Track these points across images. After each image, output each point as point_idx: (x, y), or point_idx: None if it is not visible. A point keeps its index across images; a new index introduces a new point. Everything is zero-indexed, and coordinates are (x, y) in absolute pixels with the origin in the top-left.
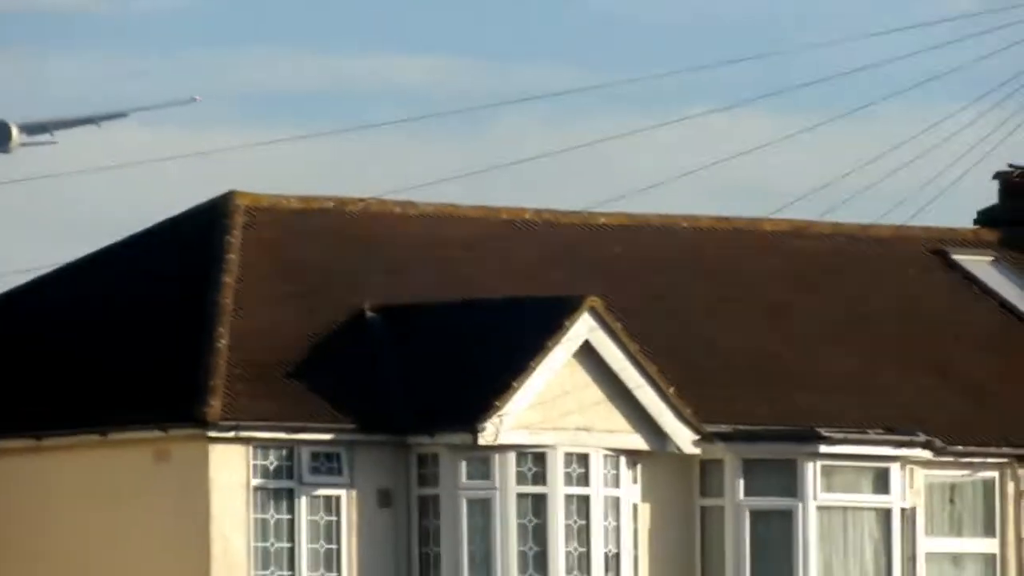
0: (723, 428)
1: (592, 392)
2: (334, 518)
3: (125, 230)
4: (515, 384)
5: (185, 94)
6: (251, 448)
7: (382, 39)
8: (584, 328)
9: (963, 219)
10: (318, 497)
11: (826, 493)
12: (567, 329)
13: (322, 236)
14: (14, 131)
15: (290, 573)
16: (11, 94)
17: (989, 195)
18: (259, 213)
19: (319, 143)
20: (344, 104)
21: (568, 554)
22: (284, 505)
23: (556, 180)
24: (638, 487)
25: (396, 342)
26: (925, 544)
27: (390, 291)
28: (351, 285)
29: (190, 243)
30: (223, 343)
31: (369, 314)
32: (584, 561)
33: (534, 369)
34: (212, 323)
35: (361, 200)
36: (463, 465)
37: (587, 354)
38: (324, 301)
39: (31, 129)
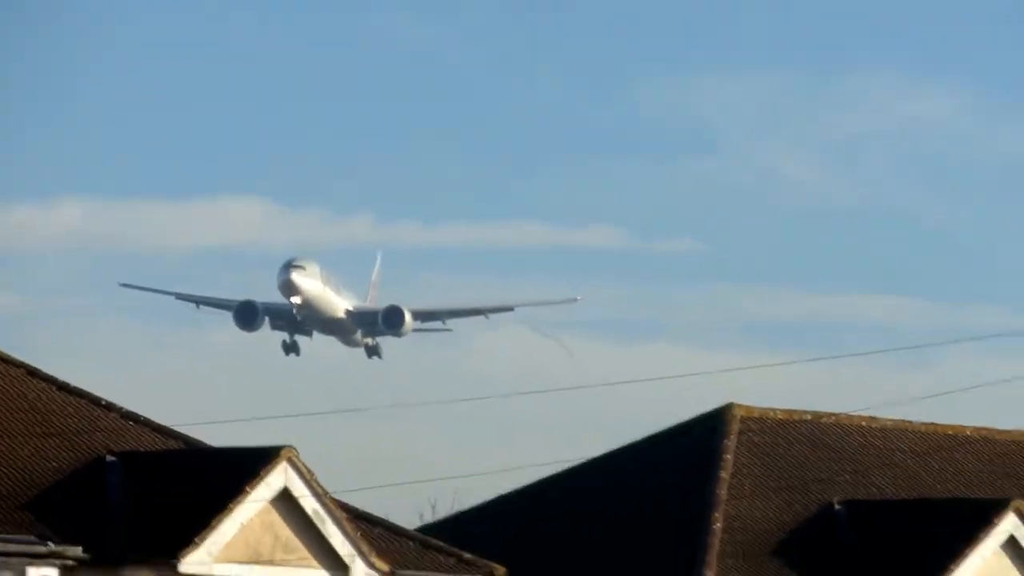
0: None
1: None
2: None
3: (632, 430)
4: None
5: (570, 295)
6: None
7: (850, 279)
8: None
9: None
10: None
11: None
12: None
13: (801, 442)
14: (407, 316)
15: None
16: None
17: None
18: (751, 422)
19: (800, 366)
20: (818, 333)
21: None
22: None
23: (992, 404)
24: None
25: (856, 534)
26: None
27: (855, 490)
28: (823, 483)
29: (695, 444)
30: (718, 526)
31: (836, 507)
32: None
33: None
34: (709, 510)
35: (833, 414)
36: None
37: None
38: (800, 496)
39: (423, 316)
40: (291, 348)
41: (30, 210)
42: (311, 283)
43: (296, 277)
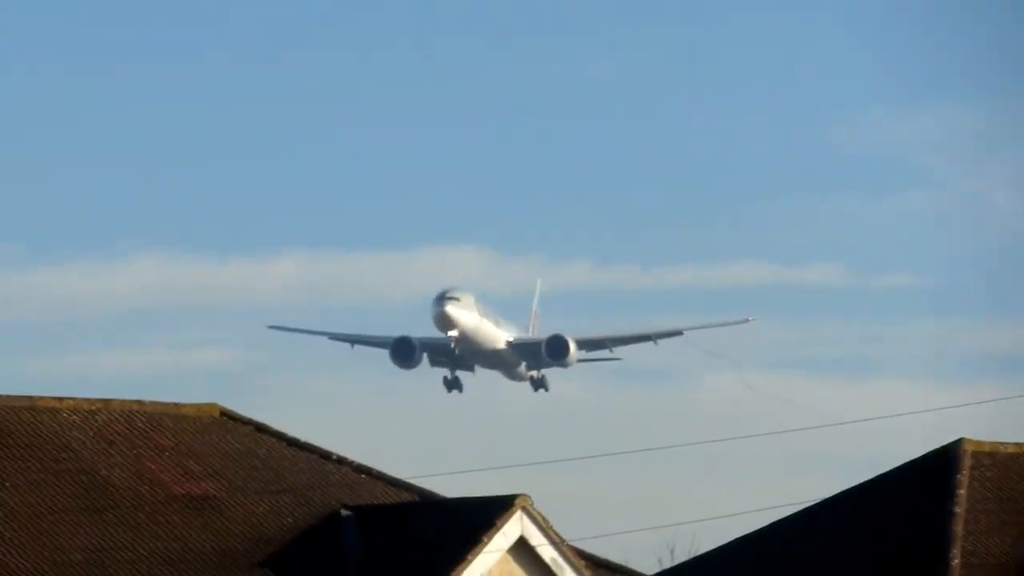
0: None
1: None
2: None
3: (862, 467)
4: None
5: (740, 316)
6: None
7: None
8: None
9: None
10: None
11: None
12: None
13: None
14: (571, 346)
15: None
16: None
17: None
18: (983, 456)
19: None
20: None
21: None
22: None
23: None
24: None
25: None
26: None
27: None
28: None
29: (927, 480)
30: (956, 562)
31: None
32: None
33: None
34: (947, 547)
35: None
36: None
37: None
38: None
39: (588, 345)
40: (453, 384)
41: (250, 264)
42: (467, 315)
43: (451, 309)
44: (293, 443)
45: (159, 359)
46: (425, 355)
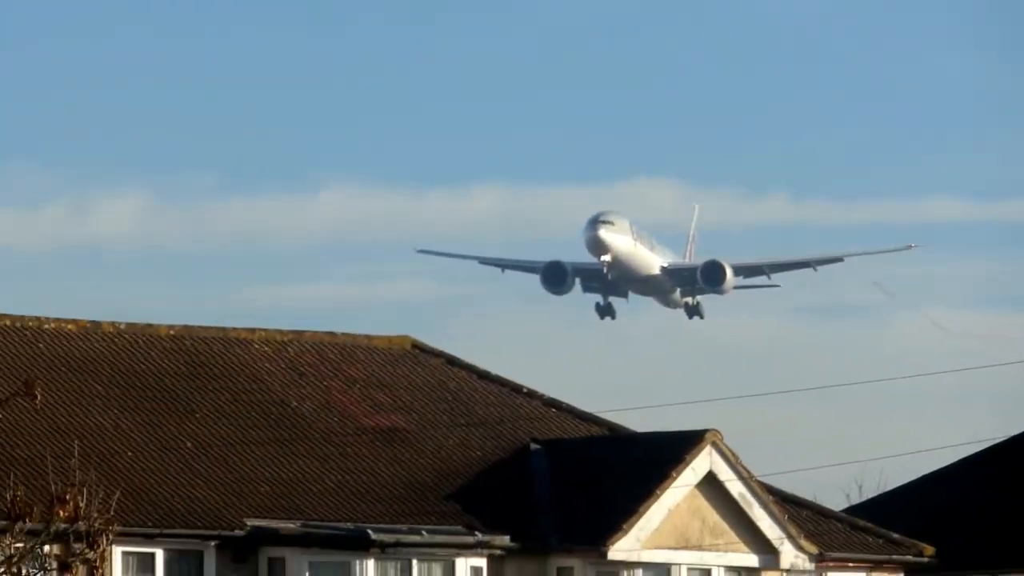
0: None
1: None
2: None
3: None
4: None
5: (902, 242)
6: None
7: None
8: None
9: None
10: None
11: None
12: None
13: None
14: (728, 271)
15: None
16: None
17: None
18: None
19: None
20: None
21: None
22: None
23: None
24: None
25: None
26: None
27: None
28: None
29: None
30: None
31: None
32: None
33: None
34: None
35: None
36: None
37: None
38: None
39: (746, 271)
40: (606, 311)
41: (445, 196)
42: (621, 239)
43: (604, 233)
44: (484, 376)
45: (352, 291)
46: (578, 280)
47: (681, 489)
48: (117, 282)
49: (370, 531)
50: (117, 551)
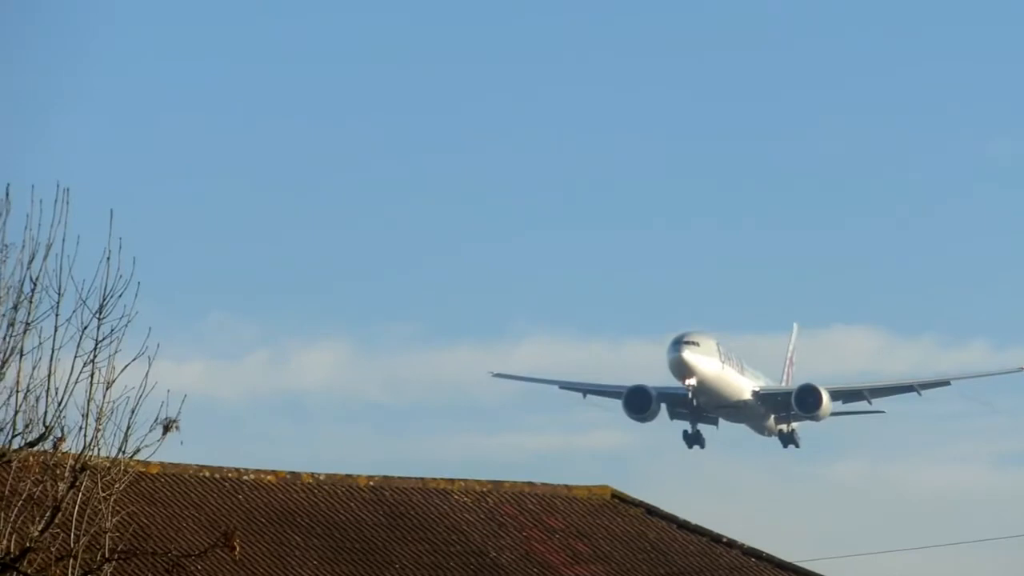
0: None
1: None
2: None
3: None
4: None
5: (1012, 365)
6: None
7: None
8: None
9: None
10: None
11: None
12: None
13: None
14: (824, 397)
15: None
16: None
17: None
18: None
19: None
20: None
21: None
22: None
23: None
24: None
25: None
26: None
27: None
28: None
29: None
30: None
31: None
32: None
33: None
34: None
35: None
36: None
37: None
38: None
39: (845, 396)
40: (694, 439)
41: (644, 345)
42: (707, 361)
43: (688, 355)
44: (683, 525)
45: (551, 441)
46: (664, 406)
47: None
48: (316, 432)
49: None
50: None
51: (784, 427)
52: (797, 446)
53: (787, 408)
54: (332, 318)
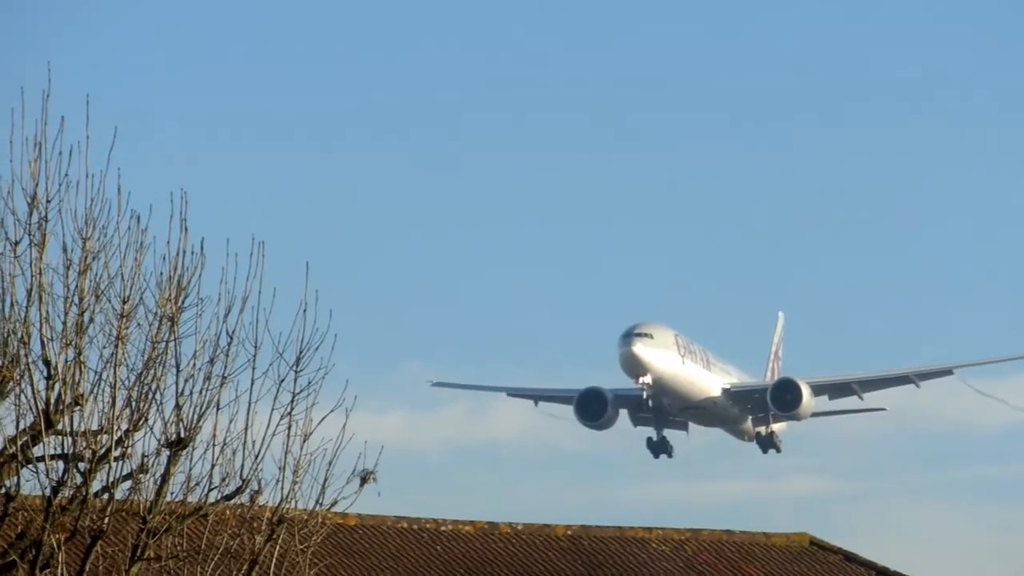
0: None
1: None
2: None
3: None
4: None
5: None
6: None
7: None
8: None
9: None
10: None
11: None
12: None
13: None
14: (804, 392)
15: None
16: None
17: None
18: None
19: None
20: None
21: None
22: None
23: None
24: None
25: None
26: None
27: None
28: None
29: None
30: None
31: None
32: None
33: None
34: None
35: None
36: None
37: None
38: None
39: (830, 390)
40: (660, 448)
41: None
42: (663, 355)
43: (640, 349)
44: (883, 572)
45: (749, 487)
46: (625, 412)
47: None
48: (514, 482)
49: None
50: None
51: (762, 429)
52: (778, 451)
53: (764, 407)
54: (524, 369)
